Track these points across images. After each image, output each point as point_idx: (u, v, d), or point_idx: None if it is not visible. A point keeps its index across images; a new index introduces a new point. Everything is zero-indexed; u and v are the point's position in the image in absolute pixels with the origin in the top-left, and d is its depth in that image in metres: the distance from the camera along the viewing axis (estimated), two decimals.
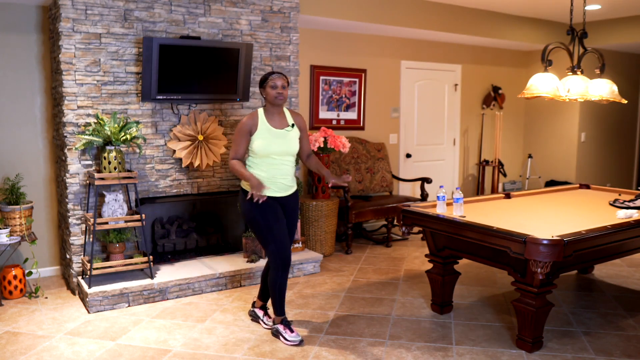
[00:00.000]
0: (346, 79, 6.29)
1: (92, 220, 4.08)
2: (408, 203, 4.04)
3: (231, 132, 4.86)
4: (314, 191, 5.50)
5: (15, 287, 4.27)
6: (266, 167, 3.41)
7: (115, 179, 4.10)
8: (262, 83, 3.42)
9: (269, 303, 3.74)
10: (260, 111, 3.46)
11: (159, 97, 4.30)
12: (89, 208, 4.27)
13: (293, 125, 3.49)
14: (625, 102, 4.50)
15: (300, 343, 3.42)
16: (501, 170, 7.48)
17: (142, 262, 4.23)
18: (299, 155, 3.63)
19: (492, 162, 7.54)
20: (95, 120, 4.21)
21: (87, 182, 4.28)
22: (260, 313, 3.74)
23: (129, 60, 4.37)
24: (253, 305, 3.82)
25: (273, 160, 3.41)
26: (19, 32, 4.56)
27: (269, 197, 3.39)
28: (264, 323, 3.69)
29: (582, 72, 4.30)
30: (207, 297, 4.31)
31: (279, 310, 3.51)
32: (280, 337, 3.47)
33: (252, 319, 3.81)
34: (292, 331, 3.45)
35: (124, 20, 4.30)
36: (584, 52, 4.30)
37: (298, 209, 3.61)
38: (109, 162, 4.10)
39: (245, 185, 3.45)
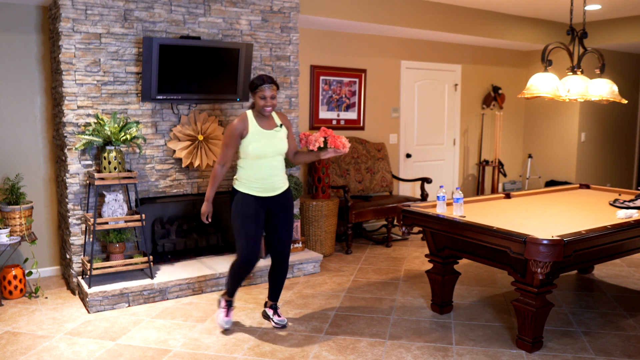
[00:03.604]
0: (346, 79, 6.29)
1: (92, 220, 4.08)
2: (408, 203, 4.04)
3: None
4: (314, 191, 5.50)
5: (15, 287, 4.27)
6: (257, 169, 3.47)
7: (115, 179, 4.10)
8: (253, 89, 3.46)
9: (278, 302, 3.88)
10: (249, 114, 3.51)
11: (159, 97, 4.30)
12: (89, 208, 4.27)
13: (281, 125, 3.55)
14: (625, 102, 4.50)
15: (226, 332, 3.62)
16: (501, 170, 7.48)
17: (142, 262, 4.23)
18: (286, 154, 3.68)
19: (492, 162, 7.54)
20: (95, 120, 4.21)
21: (87, 182, 4.28)
22: (270, 312, 3.79)
23: (129, 60, 4.37)
24: (265, 305, 3.88)
25: (264, 161, 3.46)
26: (19, 32, 4.56)
27: (255, 198, 3.48)
28: (274, 322, 3.74)
29: (582, 72, 4.30)
30: (207, 297, 4.31)
31: (231, 291, 3.67)
32: (217, 315, 3.71)
33: (264, 318, 3.87)
34: (227, 315, 3.65)
35: (124, 20, 4.30)
36: (584, 52, 4.30)
37: (291, 207, 3.64)
38: (109, 162, 4.10)
39: (235, 182, 3.56)
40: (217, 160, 3.51)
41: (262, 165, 3.47)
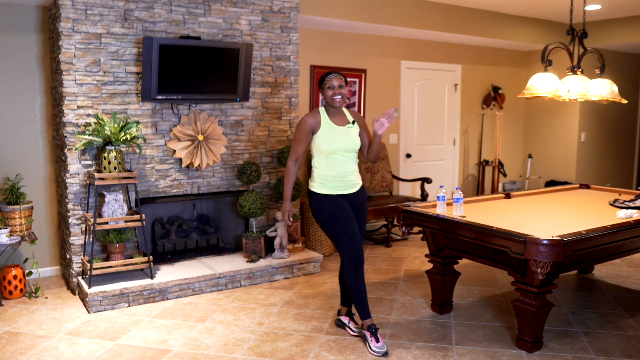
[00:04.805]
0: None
1: (92, 220, 4.08)
2: (408, 203, 4.04)
3: (231, 132, 4.86)
4: None
5: (15, 287, 4.27)
6: (332, 165, 3.38)
7: (115, 179, 4.10)
8: (320, 83, 3.40)
9: (354, 308, 3.69)
10: (322, 109, 3.44)
11: (159, 97, 4.29)
12: (89, 208, 4.27)
13: (354, 122, 3.47)
14: (625, 102, 4.50)
15: (385, 354, 3.25)
16: (501, 170, 7.48)
17: (142, 262, 4.23)
18: (361, 151, 3.56)
19: (492, 162, 7.54)
20: (95, 120, 4.21)
21: (87, 182, 4.28)
22: (345, 320, 3.63)
23: (129, 60, 4.37)
24: (339, 313, 3.72)
25: (338, 157, 3.38)
26: (19, 32, 4.56)
27: (339, 196, 3.39)
28: (351, 330, 3.59)
29: (582, 72, 4.30)
30: (207, 297, 4.31)
31: (363, 313, 3.36)
32: (367, 345, 3.35)
33: (338, 327, 3.68)
34: (377, 340, 3.30)
35: (124, 20, 4.30)
36: (584, 52, 4.30)
37: (366, 205, 3.57)
38: (109, 162, 4.10)
39: (313, 186, 3.44)
40: (290, 156, 3.45)
41: (337, 163, 3.37)
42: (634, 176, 8.76)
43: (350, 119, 3.49)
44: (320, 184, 3.40)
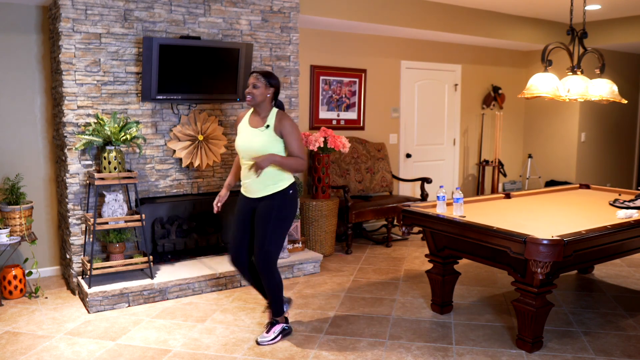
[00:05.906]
0: (346, 79, 6.29)
1: (92, 220, 4.08)
2: (408, 203, 4.04)
3: (231, 132, 4.87)
4: (314, 191, 5.50)
5: (15, 287, 4.27)
6: (243, 166, 3.43)
7: (115, 179, 4.10)
8: None
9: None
10: (253, 108, 3.45)
11: (159, 97, 4.30)
12: (89, 208, 4.27)
13: (268, 126, 3.31)
14: (625, 102, 4.50)
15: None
16: (501, 170, 7.48)
17: (142, 262, 4.23)
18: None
19: (492, 162, 7.54)
20: (95, 120, 4.21)
21: (87, 182, 4.28)
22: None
23: (129, 60, 4.37)
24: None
25: (245, 159, 3.39)
26: (19, 32, 4.56)
27: (246, 198, 3.45)
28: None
29: (582, 72, 4.30)
30: (207, 297, 4.31)
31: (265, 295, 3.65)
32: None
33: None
34: (267, 332, 3.51)
35: (124, 20, 4.30)
36: (584, 52, 4.30)
37: (266, 213, 3.32)
38: (109, 162, 4.10)
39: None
40: None
41: (245, 163, 3.39)
42: (634, 176, 8.76)
43: (270, 122, 3.32)
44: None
